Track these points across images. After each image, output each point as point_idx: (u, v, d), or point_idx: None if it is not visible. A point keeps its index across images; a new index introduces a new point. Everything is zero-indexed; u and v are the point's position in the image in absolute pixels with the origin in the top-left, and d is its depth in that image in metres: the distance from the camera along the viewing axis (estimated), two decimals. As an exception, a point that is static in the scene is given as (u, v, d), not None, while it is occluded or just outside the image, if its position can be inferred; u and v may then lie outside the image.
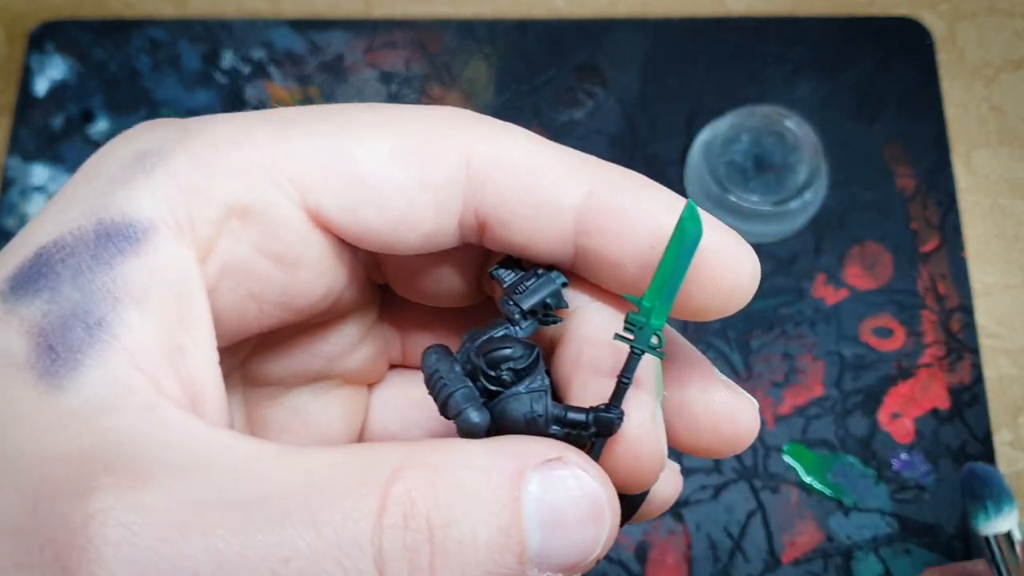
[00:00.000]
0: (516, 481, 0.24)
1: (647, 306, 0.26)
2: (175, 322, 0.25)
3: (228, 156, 0.26)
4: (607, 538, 0.25)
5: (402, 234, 0.27)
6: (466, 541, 0.23)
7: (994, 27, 0.66)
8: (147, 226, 0.25)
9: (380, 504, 0.22)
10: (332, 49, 0.66)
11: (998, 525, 0.25)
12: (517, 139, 0.28)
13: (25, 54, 0.66)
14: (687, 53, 0.65)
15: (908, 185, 0.62)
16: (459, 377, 0.27)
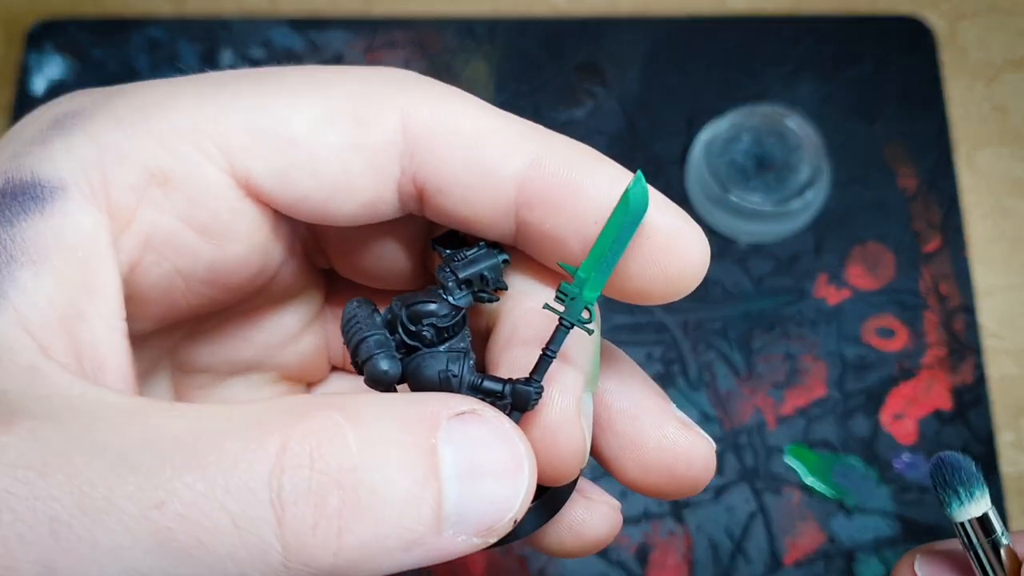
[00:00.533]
0: (432, 430, 0.23)
1: (582, 277, 0.25)
2: (76, 287, 0.23)
3: (150, 119, 0.25)
4: (525, 496, 0.24)
5: (338, 202, 0.26)
6: (379, 490, 0.21)
7: (996, 26, 0.66)
8: (56, 186, 0.24)
9: (281, 444, 0.21)
10: (331, 48, 0.66)
11: (972, 510, 0.25)
12: (459, 103, 0.26)
13: (23, 53, 0.66)
14: (688, 52, 0.65)
15: (910, 185, 0.62)
16: (376, 325, 0.26)
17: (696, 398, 0.57)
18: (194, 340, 0.31)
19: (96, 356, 0.24)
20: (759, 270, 0.60)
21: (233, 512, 0.20)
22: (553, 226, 0.25)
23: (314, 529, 0.21)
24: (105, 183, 0.24)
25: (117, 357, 0.24)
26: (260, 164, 0.25)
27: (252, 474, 0.20)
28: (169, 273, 0.26)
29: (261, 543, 0.20)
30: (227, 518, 0.20)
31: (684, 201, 0.61)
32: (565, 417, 0.25)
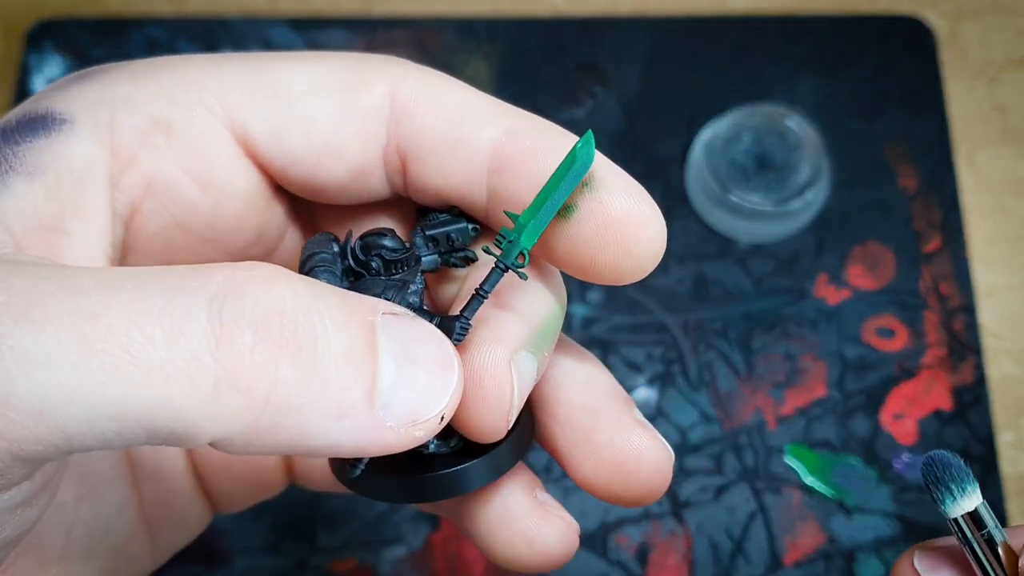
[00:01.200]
0: (372, 313, 0.23)
1: (521, 222, 0.25)
2: (66, 205, 0.25)
3: (160, 73, 0.27)
4: (453, 394, 0.24)
5: (328, 165, 0.27)
6: (320, 341, 0.22)
7: (997, 26, 0.66)
8: (65, 118, 0.26)
9: (226, 276, 0.21)
10: (331, 48, 0.66)
11: (965, 505, 0.25)
12: (443, 80, 0.28)
13: (23, 53, 0.66)
14: (688, 52, 0.65)
15: (910, 185, 0.62)
16: (328, 249, 0.27)
17: (696, 398, 0.57)
18: None
19: None
20: (759, 270, 0.60)
21: (167, 326, 0.20)
22: (516, 190, 0.27)
23: (253, 351, 0.21)
24: (111, 122, 0.26)
25: None
26: (257, 120, 0.27)
27: (192, 296, 0.21)
28: (168, 224, 0.28)
29: (193, 359, 0.20)
30: (160, 331, 0.20)
31: (684, 201, 0.61)
32: (493, 362, 0.26)
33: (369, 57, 0.28)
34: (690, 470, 0.56)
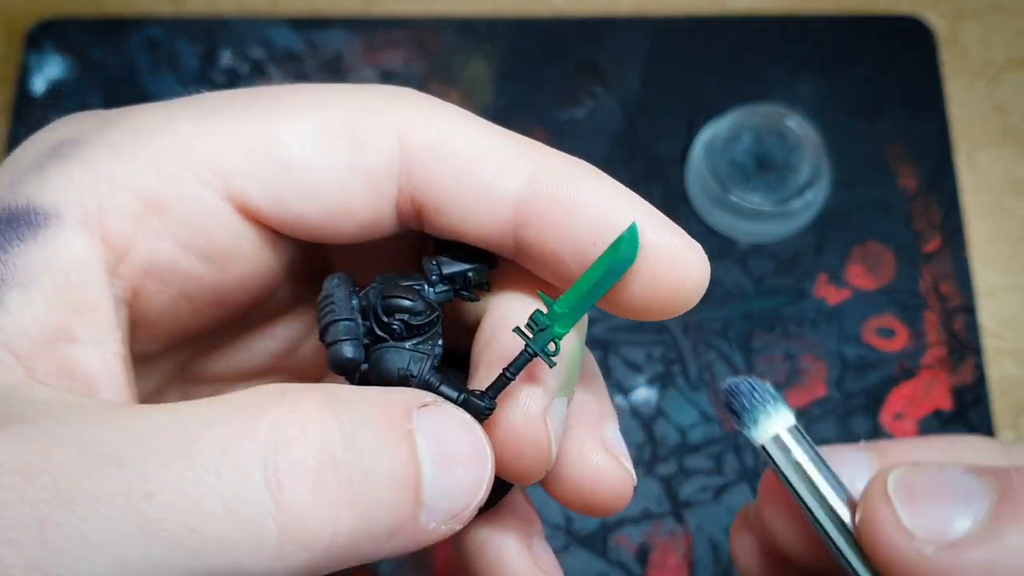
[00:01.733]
0: (407, 416, 0.23)
1: (556, 311, 0.25)
2: (67, 310, 0.24)
3: (145, 145, 0.25)
4: (488, 483, 0.24)
5: (336, 223, 0.26)
6: (370, 472, 0.21)
7: (997, 26, 0.66)
8: (51, 213, 0.24)
9: (271, 423, 0.20)
10: (331, 48, 0.66)
11: (772, 427, 0.23)
12: (455, 120, 0.26)
13: (23, 53, 0.66)
14: (688, 52, 0.65)
15: (910, 185, 0.62)
16: (350, 309, 0.26)
17: (696, 398, 0.57)
18: (204, 353, 0.31)
19: (88, 378, 0.24)
20: (759, 270, 0.60)
21: (225, 496, 0.20)
22: (551, 245, 0.25)
23: (313, 509, 0.20)
24: (100, 212, 0.24)
25: (111, 379, 0.24)
26: (255, 187, 0.25)
27: (243, 456, 0.20)
28: (174, 299, 0.26)
29: (256, 527, 0.20)
30: (219, 503, 0.20)
31: (684, 201, 0.61)
32: (528, 422, 0.25)
33: (370, 97, 0.26)
34: (690, 470, 0.56)
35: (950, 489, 0.20)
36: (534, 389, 0.26)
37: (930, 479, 0.20)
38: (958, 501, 0.19)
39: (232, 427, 0.20)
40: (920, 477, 0.20)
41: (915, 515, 0.20)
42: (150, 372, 0.29)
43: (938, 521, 0.19)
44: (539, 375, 0.26)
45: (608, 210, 0.25)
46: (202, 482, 0.20)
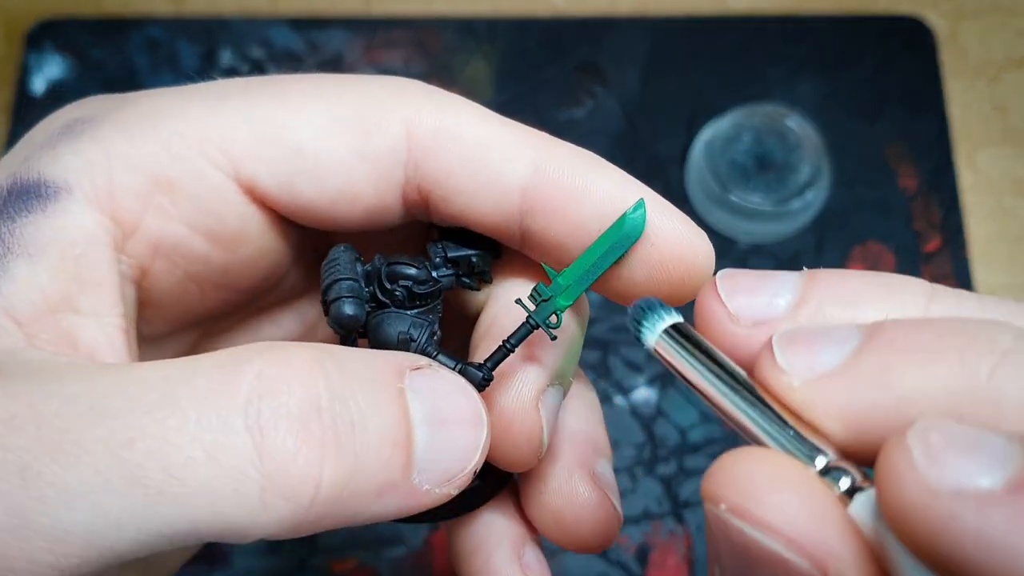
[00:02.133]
0: (399, 375, 0.23)
1: (560, 283, 0.25)
2: (72, 281, 0.24)
3: (157, 126, 0.25)
4: (484, 447, 0.24)
5: (343, 208, 0.26)
6: (358, 425, 0.21)
7: (997, 26, 0.66)
8: (61, 187, 0.24)
9: (257, 372, 0.21)
10: (331, 48, 0.66)
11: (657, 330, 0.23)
12: (462, 110, 0.26)
13: (23, 53, 0.66)
14: (688, 52, 0.65)
15: (910, 185, 0.62)
16: (354, 272, 0.26)
17: (696, 398, 0.57)
18: (213, 336, 0.31)
19: (90, 348, 0.24)
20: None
21: (207, 443, 0.20)
22: (556, 233, 0.25)
23: (296, 456, 0.20)
24: (110, 188, 0.25)
25: (113, 350, 0.24)
26: (265, 171, 0.25)
27: (226, 404, 0.20)
28: (181, 279, 0.27)
29: (238, 475, 0.20)
30: (200, 450, 0.20)
31: (684, 201, 0.61)
32: (521, 406, 0.25)
33: (378, 87, 0.26)
34: (690, 470, 0.55)
35: (825, 334, 0.20)
36: (528, 373, 0.26)
37: (811, 329, 0.21)
38: (831, 343, 0.20)
39: (216, 377, 0.20)
40: (803, 329, 0.21)
41: (790, 356, 0.20)
42: (158, 354, 0.29)
43: (807, 358, 0.20)
44: (537, 355, 0.26)
45: (613, 197, 0.25)
46: (183, 429, 0.20)
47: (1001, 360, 0.18)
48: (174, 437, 0.20)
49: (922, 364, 0.18)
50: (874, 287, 0.21)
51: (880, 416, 0.19)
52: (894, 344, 0.19)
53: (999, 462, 0.16)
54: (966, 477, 0.16)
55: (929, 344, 0.19)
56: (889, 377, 0.19)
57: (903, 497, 0.17)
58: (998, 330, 0.19)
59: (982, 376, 0.18)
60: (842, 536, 0.18)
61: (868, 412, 0.19)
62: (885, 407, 0.19)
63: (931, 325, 0.19)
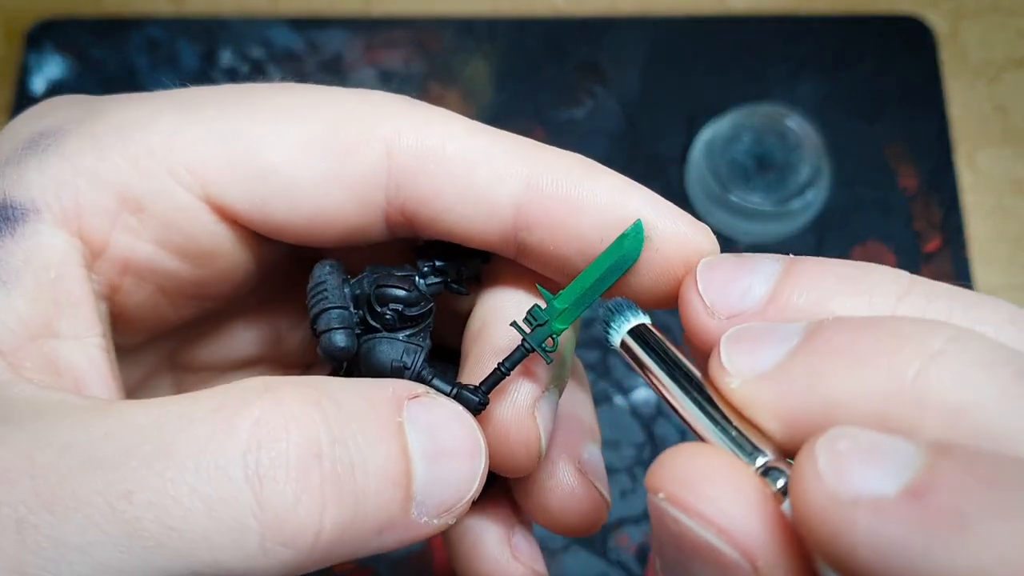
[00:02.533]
0: (397, 408, 0.22)
1: (556, 307, 0.24)
2: (49, 306, 0.23)
3: (125, 140, 0.24)
4: (482, 477, 0.24)
5: (319, 229, 0.25)
6: (357, 466, 0.21)
7: (997, 26, 0.66)
8: (29, 208, 0.24)
9: (255, 419, 0.20)
10: (331, 48, 0.66)
11: (623, 330, 0.24)
12: (446, 126, 0.25)
13: (23, 53, 0.66)
14: (688, 52, 0.65)
15: (910, 185, 0.62)
16: (343, 297, 0.26)
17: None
18: (191, 341, 0.31)
19: (74, 372, 0.24)
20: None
21: (205, 494, 0.19)
22: (555, 246, 0.25)
23: (296, 506, 0.20)
24: (78, 207, 0.24)
25: (97, 373, 0.24)
26: (235, 192, 0.25)
27: (224, 453, 0.20)
28: (153, 293, 0.26)
29: (238, 525, 0.20)
30: (199, 501, 0.19)
31: (684, 201, 0.61)
32: (517, 416, 0.25)
33: (356, 105, 0.25)
34: (690, 470, 0.55)
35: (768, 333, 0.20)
36: (524, 383, 0.25)
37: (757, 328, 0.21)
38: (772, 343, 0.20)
39: (213, 424, 0.20)
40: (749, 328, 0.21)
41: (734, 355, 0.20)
42: (136, 362, 0.29)
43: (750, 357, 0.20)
44: (532, 369, 0.26)
45: (612, 204, 0.24)
46: (181, 480, 0.19)
47: (928, 362, 0.18)
48: (172, 489, 0.19)
49: (850, 366, 0.19)
50: (848, 281, 0.21)
51: (810, 418, 0.19)
52: (827, 345, 0.19)
53: (901, 468, 0.16)
54: (865, 484, 0.16)
55: (860, 346, 0.19)
56: (817, 379, 0.19)
57: (806, 505, 0.17)
58: (933, 331, 0.18)
59: (908, 378, 0.18)
60: (773, 531, 0.18)
61: (798, 414, 0.19)
62: (813, 409, 0.19)
63: (868, 325, 0.19)
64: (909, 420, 0.18)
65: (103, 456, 0.19)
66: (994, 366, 0.18)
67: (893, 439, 0.17)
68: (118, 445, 0.20)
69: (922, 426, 0.18)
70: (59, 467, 0.19)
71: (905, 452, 0.17)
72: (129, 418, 0.20)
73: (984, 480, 0.16)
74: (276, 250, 0.27)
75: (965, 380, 0.18)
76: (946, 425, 0.18)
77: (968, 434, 0.17)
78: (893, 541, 0.16)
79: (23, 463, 0.19)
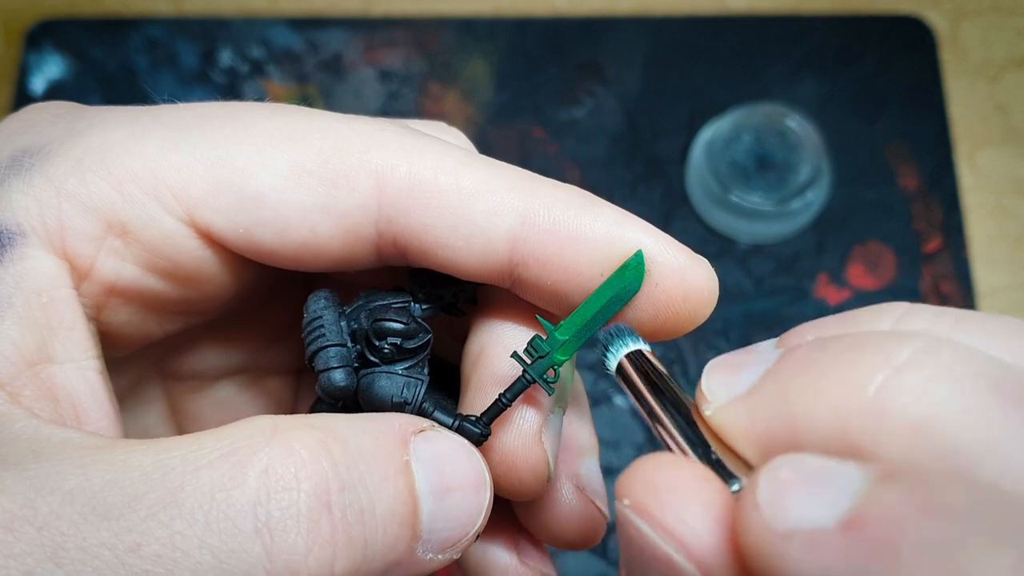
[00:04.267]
0: (403, 446, 0.22)
1: (557, 338, 0.24)
2: (43, 330, 0.23)
3: (109, 163, 0.24)
4: (487, 509, 0.24)
5: (307, 258, 0.25)
6: (367, 511, 0.21)
7: (997, 26, 0.66)
8: (15, 232, 0.23)
9: (264, 468, 0.20)
10: (330, 47, 0.65)
11: (619, 355, 0.24)
12: (439, 158, 0.24)
13: (22, 53, 0.66)
14: (688, 51, 0.65)
15: (911, 184, 0.61)
16: (339, 333, 0.25)
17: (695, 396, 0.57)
18: (179, 350, 0.30)
19: (71, 397, 0.23)
20: (759, 270, 0.59)
21: (215, 547, 0.19)
22: (552, 281, 0.24)
23: (307, 557, 0.20)
24: (62, 231, 0.23)
25: (94, 397, 0.24)
26: (221, 219, 0.24)
27: (233, 504, 0.19)
28: (139, 312, 0.26)
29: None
30: (209, 554, 0.19)
31: (684, 201, 0.61)
32: (524, 443, 0.25)
33: (348, 134, 0.25)
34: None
35: (745, 356, 0.20)
36: (528, 410, 0.25)
37: (735, 354, 0.21)
38: (748, 367, 0.20)
39: (221, 471, 0.20)
40: (729, 354, 0.21)
41: (713, 381, 0.20)
42: (123, 370, 0.28)
43: (728, 383, 0.20)
44: (534, 395, 0.25)
45: (610, 238, 0.24)
46: (190, 532, 0.19)
47: (892, 374, 0.17)
48: (181, 542, 0.19)
49: (813, 382, 0.18)
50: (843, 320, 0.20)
51: (778, 440, 0.18)
52: (794, 364, 0.19)
53: (841, 497, 0.16)
54: (803, 515, 0.16)
55: (824, 361, 0.18)
56: (782, 399, 0.18)
57: (744, 536, 0.16)
58: (902, 342, 0.17)
59: (869, 392, 0.17)
60: (733, 553, 0.17)
61: (768, 436, 0.19)
62: (779, 431, 0.18)
63: (836, 341, 0.18)
64: (870, 438, 0.17)
65: (109, 505, 0.19)
66: (965, 378, 0.17)
67: (840, 465, 0.16)
68: (124, 492, 0.19)
69: (883, 444, 0.17)
70: (64, 516, 0.19)
71: (849, 479, 0.16)
72: (134, 462, 0.20)
73: (924, 510, 0.15)
74: (263, 271, 0.27)
75: (929, 393, 0.17)
76: (908, 443, 0.17)
77: (929, 452, 0.16)
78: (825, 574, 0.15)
79: (26, 512, 0.19)
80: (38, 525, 0.19)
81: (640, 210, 0.25)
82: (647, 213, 0.62)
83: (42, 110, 0.26)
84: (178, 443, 0.20)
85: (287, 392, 0.32)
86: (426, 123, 0.28)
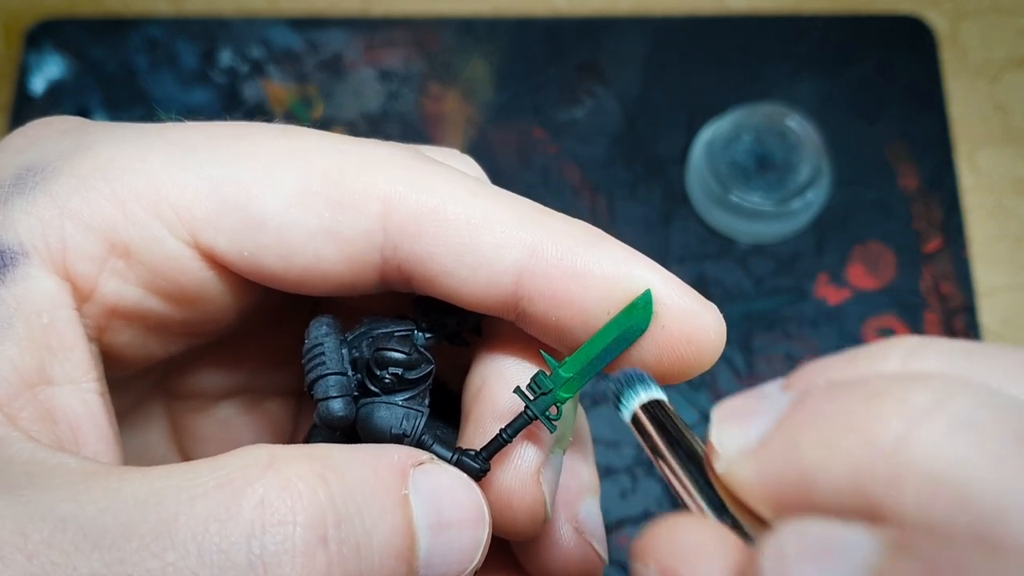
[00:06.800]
0: (402, 479, 0.22)
1: (561, 375, 0.24)
2: (43, 351, 0.23)
3: (113, 182, 0.23)
4: (485, 544, 0.23)
5: (311, 282, 0.25)
6: (363, 545, 0.20)
7: (997, 25, 0.66)
8: (17, 251, 0.23)
9: (259, 499, 0.20)
10: (330, 47, 0.65)
11: (634, 405, 0.23)
12: (448, 186, 0.24)
13: (22, 53, 0.66)
14: (688, 51, 0.65)
15: (911, 184, 0.61)
16: (340, 361, 0.25)
17: (696, 398, 0.57)
18: (182, 371, 0.30)
19: (70, 419, 0.23)
20: (759, 270, 0.59)
21: None
22: (557, 317, 0.24)
23: None
24: (64, 251, 0.23)
25: (92, 418, 0.23)
26: (225, 241, 0.24)
27: (227, 537, 0.19)
28: (140, 332, 0.26)
29: None
30: None
31: (684, 201, 0.61)
32: (522, 484, 0.25)
33: (354, 157, 0.24)
34: (690, 470, 0.55)
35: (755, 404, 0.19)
36: (528, 448, 0.25)
37: (744, 402, 0.20)
38: (758, 416, 0.19)
39: (216, 502, 0.19)
40: (737, 402, 0.20)
41: (724, 434, 0.19)
42: (126, 389, 0.28)
43: (740, 434, 0.19)
44: (535, 433, 0.25)
45: (618, 276, 0.23)
46: (183, 565, 0.19)
47: (910, 424, 0.16)
48: (173, 574, 0.19)
49: (825, 436, 0.17)
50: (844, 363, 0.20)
51: (791, 497, 0.17)
52: (806, 413, 0.18)
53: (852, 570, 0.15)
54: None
55: (838, 410, 0.17)
56: (794, 453, 0.17)
57: None
58: (918, 386, 0.16)
59: (886, 444, 0.16)
60: None
61: (781, 493, 0.18)
62: (792, 487, 0.17)
63: (850, 387, 0.18)
64: (887, 493, 0.16)
65: (101, 533, 0.19)
66: (987, 427, 0.15)
67: (851, 532, 0.16)
68: (117, 520, 0.19)
69: (900, 501, 0.16)
70: (55, 545, 0.18)
71: (860, 549, 0.15)
72: (128, 489, 0.20)
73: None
74: (267, 293, 0.27)
75: (949, 445, 0.15)
76: (926, 499, 0.15)
77: (950, 509, 0.15)
78: None
79: (16, 539, 0.18)
80: (28, 553, 0.18)
81: (640, 210, 0.25)
82: (647, 213, 0.62)
83: (48, 125, 0.26)
84: (173, 471, 0.20)
85: (288, 414, 0.32)
86: (439, 150, 0.27)
